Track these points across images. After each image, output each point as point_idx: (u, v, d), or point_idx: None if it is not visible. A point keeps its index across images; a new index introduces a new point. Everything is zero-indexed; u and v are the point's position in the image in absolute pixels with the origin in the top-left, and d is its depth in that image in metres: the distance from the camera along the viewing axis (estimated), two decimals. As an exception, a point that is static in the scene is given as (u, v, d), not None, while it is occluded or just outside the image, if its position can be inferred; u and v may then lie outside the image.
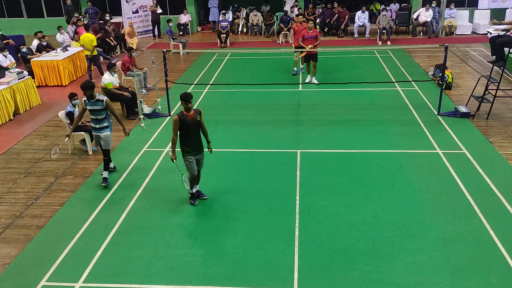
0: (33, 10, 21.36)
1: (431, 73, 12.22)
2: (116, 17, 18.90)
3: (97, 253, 5.46)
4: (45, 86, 12.74)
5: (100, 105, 6.78)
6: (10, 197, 6.91)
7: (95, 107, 6.79)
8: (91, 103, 6.77)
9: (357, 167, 7.37)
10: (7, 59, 11.89)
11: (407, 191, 6.60)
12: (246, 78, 12.54)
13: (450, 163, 7.34)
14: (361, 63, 13.92)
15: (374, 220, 5.93)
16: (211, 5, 19.78)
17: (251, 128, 9.07)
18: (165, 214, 6.25)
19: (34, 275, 5.14)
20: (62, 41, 14.83)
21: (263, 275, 5.02)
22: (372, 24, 18.52)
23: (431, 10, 17.09)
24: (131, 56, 11.46)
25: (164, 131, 9.11)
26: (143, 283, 4.97)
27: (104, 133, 6.95)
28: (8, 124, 9.98)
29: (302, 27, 11.89)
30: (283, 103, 10.49)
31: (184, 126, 5.94)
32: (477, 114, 9.21)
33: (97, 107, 6.79)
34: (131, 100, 9.81)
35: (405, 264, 5.10)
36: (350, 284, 4.85)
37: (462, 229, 5.67)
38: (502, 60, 12.06)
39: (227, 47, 17.02)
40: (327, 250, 5.38)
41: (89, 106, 6.80)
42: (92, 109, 6.81)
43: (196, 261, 5.28)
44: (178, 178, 6.45)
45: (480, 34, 17.48)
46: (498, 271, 4.95)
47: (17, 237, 5.87)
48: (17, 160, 8.15)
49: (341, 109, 10.01)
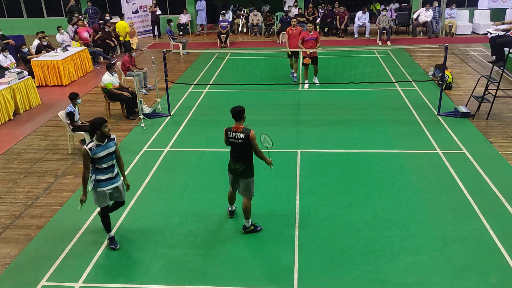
0: (33, 10, 21.35)
1: (431, 73, 12.22)
2: (116, 17, 18.89)
3: (97, 253, 5.46)
4: (45, 86, 12.74)
5: (113, 145, 5.25)
6: (10, 197, 6.91)
7: (110, 150, 5.19)
8: (103, 146, 5.12)
9: (357, 167, 7.37)
10: (7, 59, 11.89)
11: (407, 191, 6.60)
12: (246, 78, 12.54)
13: (450, 163, 7.34)
14: (361, 63, 13.92)
15: (374, 220, 5.93)
16: (198, 8, 19.24)
17: (251, 128, 9.04)
18: (165, 214, 6.25)
19: (34, 275, 5.14)
20: (61, 41, 14.83)
21: (263, 275, 5.02)
22: (372, 24, 18.52)
23: (431, 10, 17.09)
24: (131, 56, 11.47)
25: (164, 131, 9.11)
26: (143, 283, 4.97)
27: (120, 179, 5.50)
28: (8, 124, 9.98)
29: (297, 31, 11.69)
30: (283, 103, 10.49)
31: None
32: (477, 114, 9.21)
33: (111, 149, 5.22)
34: (131, 100, 9.81)
35: (405, 264, 5.10)
36: (350, 284, 4.85)
37: (462, 229, 5.67)
38: (502, 60, 12.07)
39: (227, 47, 17.02)
40: (327, 250, 5.38)
41: (101, 151, 5.11)
42: (106, 154, 5.16)
43: (196, 261, 5.28)
44: (178, 178, 6.43)
45: (480, 34, 17.48)
46: (498, 271, 4.95)
47: (17, 237, 5.87)
48: (17, 160, 8.15)
49: (341, 109, 10.01)
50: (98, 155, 5.08)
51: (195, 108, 10.35)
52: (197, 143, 8.42)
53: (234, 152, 5.56)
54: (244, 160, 5.51)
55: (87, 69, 14.15)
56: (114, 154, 5.28)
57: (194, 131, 9.07)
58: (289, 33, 11.99)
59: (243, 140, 5.39)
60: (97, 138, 5.12)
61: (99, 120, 5.11)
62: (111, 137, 5.26)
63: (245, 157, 5.50)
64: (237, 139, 5.43)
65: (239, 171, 5.54)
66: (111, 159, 5.23)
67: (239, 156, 5.51)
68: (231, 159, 5.62)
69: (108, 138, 5.19)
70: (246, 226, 5.75)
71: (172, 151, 8.20)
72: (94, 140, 5.12)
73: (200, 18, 19.51)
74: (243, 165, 5.51)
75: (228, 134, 5.51)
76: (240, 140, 5.41)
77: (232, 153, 5.59)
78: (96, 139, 5.12)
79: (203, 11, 19.33)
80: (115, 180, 5.36)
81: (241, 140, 5.40)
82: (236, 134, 5.43)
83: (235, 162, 5.56)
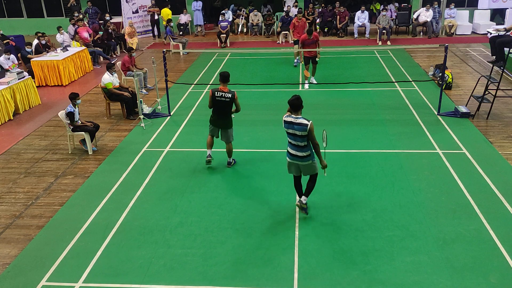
0: (33, 10, 21.35)
1: (431, 73, 12.22)
2: (116, 17, 18.91)
3: (97, 253, 5.46)
4: (45, 86, 12.74)
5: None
6: (10, 197, 6.91)
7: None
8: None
9: (357, 167, 7.37)
10: (9, 61, 11.87)
11: (407, 191, 6.60)
12: (246, 78, 12.54)
13: (450, 163, 7.34)
14: (361, 63, 13.92)
15: (374, 220, 5.93)
16: (195, 8, 18.97)
17: (251, 128, 9.07)
18: (165, 214, 6.25)
19: (34, 275, 5.14)
20: (62, 41, 14.84)
21: (263, 275, 5.02)
22: (372, 24, 18.51)
23: (431, 10, 17.09)
24: (131, 56, 11.47)
25: (164, 131, 9.11)
26: (143, 283, 4.97)
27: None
28: (8, 124, 9.98)
29: (302, 22, 12.19)
30: (283, 103, 10.38)
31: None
32: (477, 114, 9.21)
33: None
34: (131, 100, 9.81)
35: (405, 264, 5.10)
36: (350, 284, 4.85)
37: (462, 229, 5.67)
38: (502, 60, 12.07)
39: (227, 47, 17.02)
40: (327, 250, 5.38)
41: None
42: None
43: (196, 261, 5.28)
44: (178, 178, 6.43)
45: (480, 34, 17.48)
46: (498, 271, 4.95)
47: (17, 237, 5.87)
48: (17, 160, 8.15)
49: (341, 109, 10.01)
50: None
51: (195, 108, 10.36)
52: (197, 143, 8.42)
53: (220, 109, 6.98)
54: (228, 115, 7.03)
55: (87, 69, 14.16)
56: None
57: (194, 131, 9.07)
58: (294, 24, 13.21)
59: (230, 99, 6.88)
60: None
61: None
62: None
63: (228, 113, 7.03)
64: (224, 98, 6.88)
65: (222, 124, 7.07)
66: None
67: (224, 111, 6.99)
68: (216, 116, 7.07)
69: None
70: (230, 162, 7.44)
71: (172, 151, 8.20)
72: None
73: (197, 18, 19.29)
74: (226, 119, 7.04)
75: (215, 94, 6.89)
76: (227, 99, 6.88)
77: (217, 110, 7.02)
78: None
79: (199, 11, 19.18)
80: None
81: (228, 99, 6.88)
82: (224, 94, 6.88)
83: (219, 117, 7.05)
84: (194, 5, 18.97)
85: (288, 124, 5.55)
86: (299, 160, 5.69)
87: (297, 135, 5.50)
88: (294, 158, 5.70)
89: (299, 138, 5.52)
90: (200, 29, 19.78)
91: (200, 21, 19.35)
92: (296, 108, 5.51)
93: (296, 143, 5.58)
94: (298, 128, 5.46)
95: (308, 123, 5.44)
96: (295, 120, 5.49)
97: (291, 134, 5.59)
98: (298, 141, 5.55)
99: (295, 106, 5.51)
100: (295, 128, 5.48)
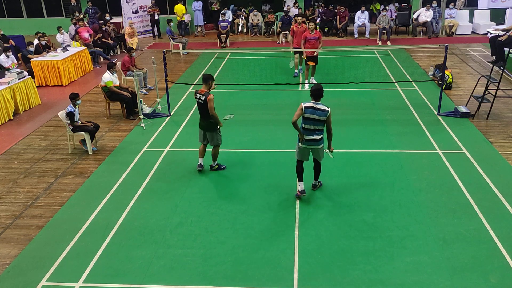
0: (33, 10, 21.35)
1: (431, 73, 12.22)
2: (116, 17, 18.90)
3: (97, 253, 5.46)
4: (45, 86, 12.74)
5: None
6: (10, 197, 6.91)
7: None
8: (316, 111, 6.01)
9: (357, 167, 7.37)
10: (9, 60, 11.88)
11: (407, 191, 6.60)
12: (246, 78, 12.54)
13: (450, 163, 7.34)
14: (361, 63, 13.92)
15: (374, 220, 5.93)
16: (195, 8, 18.91)
17: (251, 128, 9.07)
18: (165, 214, 6.25)
19: (34, 275, 5.14)
20: (62, 41, 14.84)
21: (263, 275, 5.02)
22: (372, 24, 18.52)
23: (431, 10, 17.09)
24: (131, 56, 11.47)
25: (164, 131, 9.11)
26: (143, 283, 4.97)
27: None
28: (8, 124, 9.98)
29: (302, 29, 11.63)
30: (283, 103, 10.49)
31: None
32: (477, 114, 9.21)
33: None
34: (131, 100, 9.81)
35: (405, 264, 5.10)
36: (350, 284, 4.85)
37: (462, 229, 5.67)
38: (502, 60, 12.08)
39: (227, 47, 17.02)
40: (327, 250, 5.38)
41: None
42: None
43: (196, 261, 5.28)
44: (178, 178, 6.44)
45: (480, 34, 17.48)
46: (498, 271, 4.95)
47: (17, 237, 5.87)
48: (17, 160, 8.15)
49: (341, 109, 10.00)
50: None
51: (195, 108, 10.34)
52: (197, 143, 8.38)
53: (200, 110, 6.96)
54: (207, 117, 6.89)
55: (87, 69, 14.16)
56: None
57: (194, 131, 9.04)
58: (294, 30, 11.98)
59: (203, 101, 6.82)
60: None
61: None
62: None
63: (206, 115, 6.88)
64: (200, 100, 6.88)
65: (205, 126, 6.99)
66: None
67: (203, 113, 6.94)
68: (200, 117, 7.04)
69: None
70: (212, 165, 7.35)
71: (172, 151, 8.20)
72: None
73: (197, 18, 19.29)
74: (206, 121, 6.93)
75: (195, 95, 6.97)
76: (202, 101, 6.84)
77: (199, 112, 7.00)
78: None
79: (200, 11, 19.16)
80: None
81: (202, 101, 6.84)
82: (200, 96, 6.87)
83: (201, 118, 7.02)
84: (194, 5, 18.93)
85: (310, 109, 6.02)
86: (313, 144, 6.20)
87: (317, 119, 6.02)
88: (309, 142, 6.19)
89: (318, 122, 6.04)
90: (200, 29, 19.78)
91: (200, 21, 19.33)
92: (317, 97, 6.06)
93: (314, 127, 6.08)
94: (319, 113, 5.99)
95: (328, 109, 6.02)
96: (316, 105, 6.02)
97: (310, 119, 6.05)
98: (316, 125, 6.06)
99: (316, 95, 6.06)
100: (317, 113, 6.00)
